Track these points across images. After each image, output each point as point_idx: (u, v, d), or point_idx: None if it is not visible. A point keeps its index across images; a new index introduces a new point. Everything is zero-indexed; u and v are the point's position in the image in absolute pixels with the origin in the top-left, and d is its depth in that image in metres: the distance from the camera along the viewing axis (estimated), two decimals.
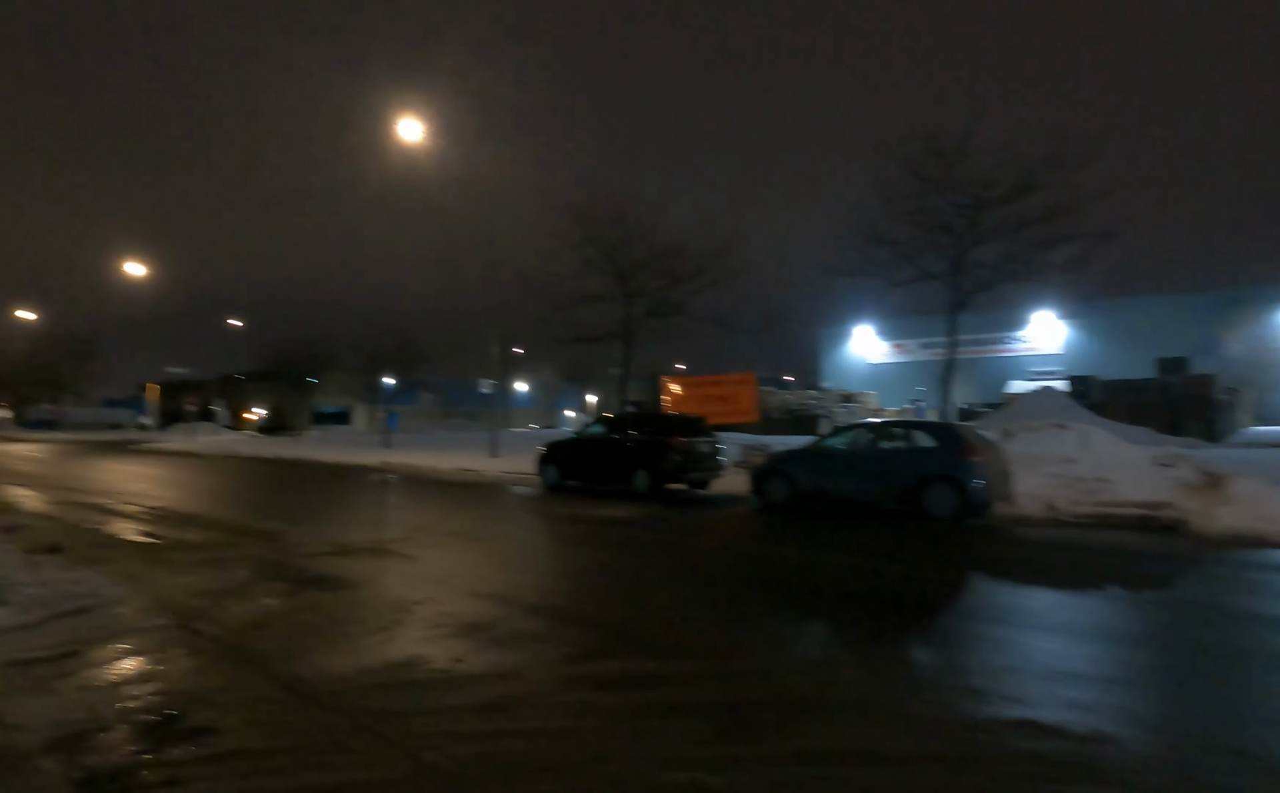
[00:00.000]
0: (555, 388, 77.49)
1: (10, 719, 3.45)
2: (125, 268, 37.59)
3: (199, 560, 7.42)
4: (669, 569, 7.49)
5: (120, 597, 5.78)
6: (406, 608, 5.49)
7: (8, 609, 5.28)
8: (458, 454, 24.81)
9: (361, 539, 8.64)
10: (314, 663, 4.29)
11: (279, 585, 6.29)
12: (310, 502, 13.41)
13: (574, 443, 15.13)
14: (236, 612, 5.43)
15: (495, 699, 3.71)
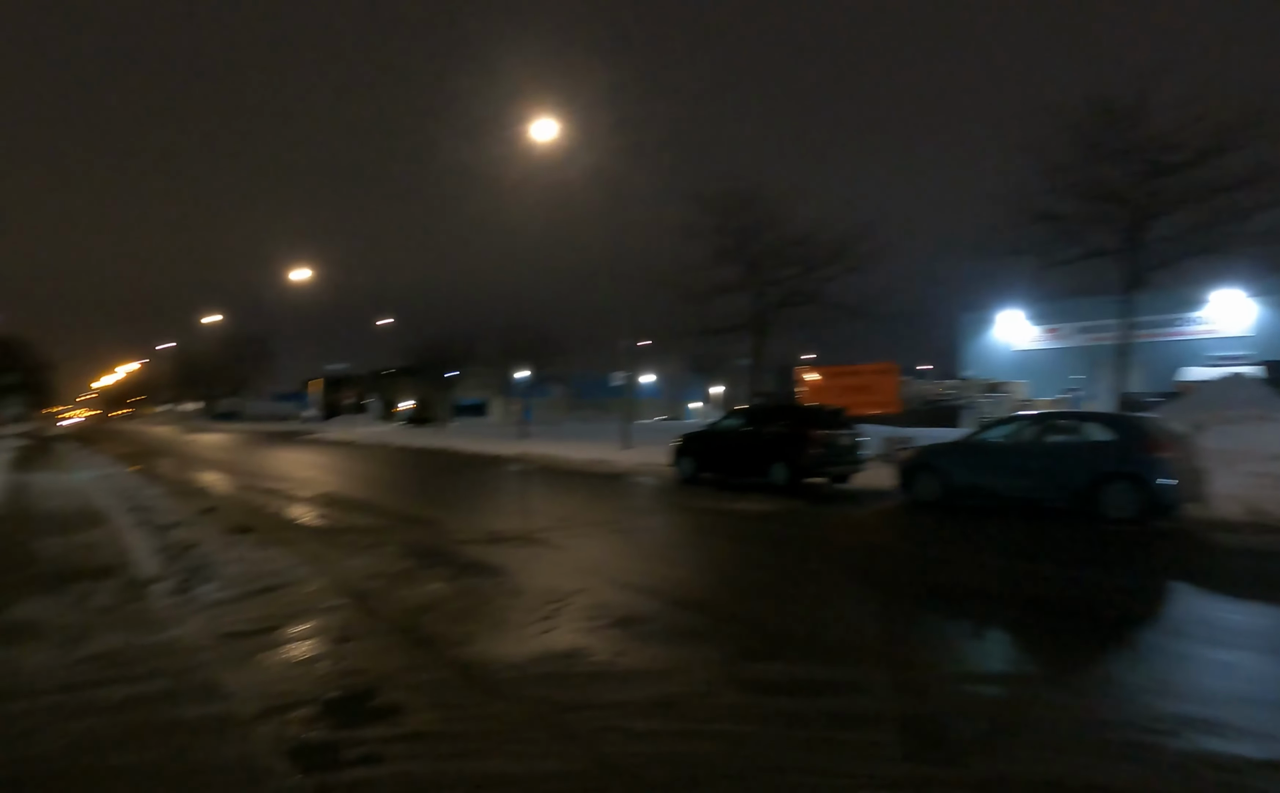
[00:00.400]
0: (681, 380, 77.64)
1: (227, 688, 3.76)
2: (292, 274, 41.32)
3: (368, 544, 7.92)
4: (820, 567, 7.21)
5: (304, 577, 6.25)
6: (563, 598, 5.57)
7: (214, 584, 5.84)
8: (590, 446, 25.37)
9: (511, 528, 8.93)
10: (484, 649, 4.41)
11: (441, 571, 6.59)
12: (458, 490, 14.10)
13: (709, 435, 15.01)
14: (406, 595, 5.72)
15: (663, 697, 3.65)
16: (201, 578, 5.97)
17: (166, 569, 6.38)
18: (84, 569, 6.53)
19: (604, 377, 67.52)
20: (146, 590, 5.81)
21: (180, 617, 5.07)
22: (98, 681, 3.86)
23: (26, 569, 6.56)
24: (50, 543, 7.78)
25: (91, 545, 7.65)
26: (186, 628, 4.81)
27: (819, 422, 13.16)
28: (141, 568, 6.57)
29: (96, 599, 5.53)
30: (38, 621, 4.96)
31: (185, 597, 5.55)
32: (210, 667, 4.08)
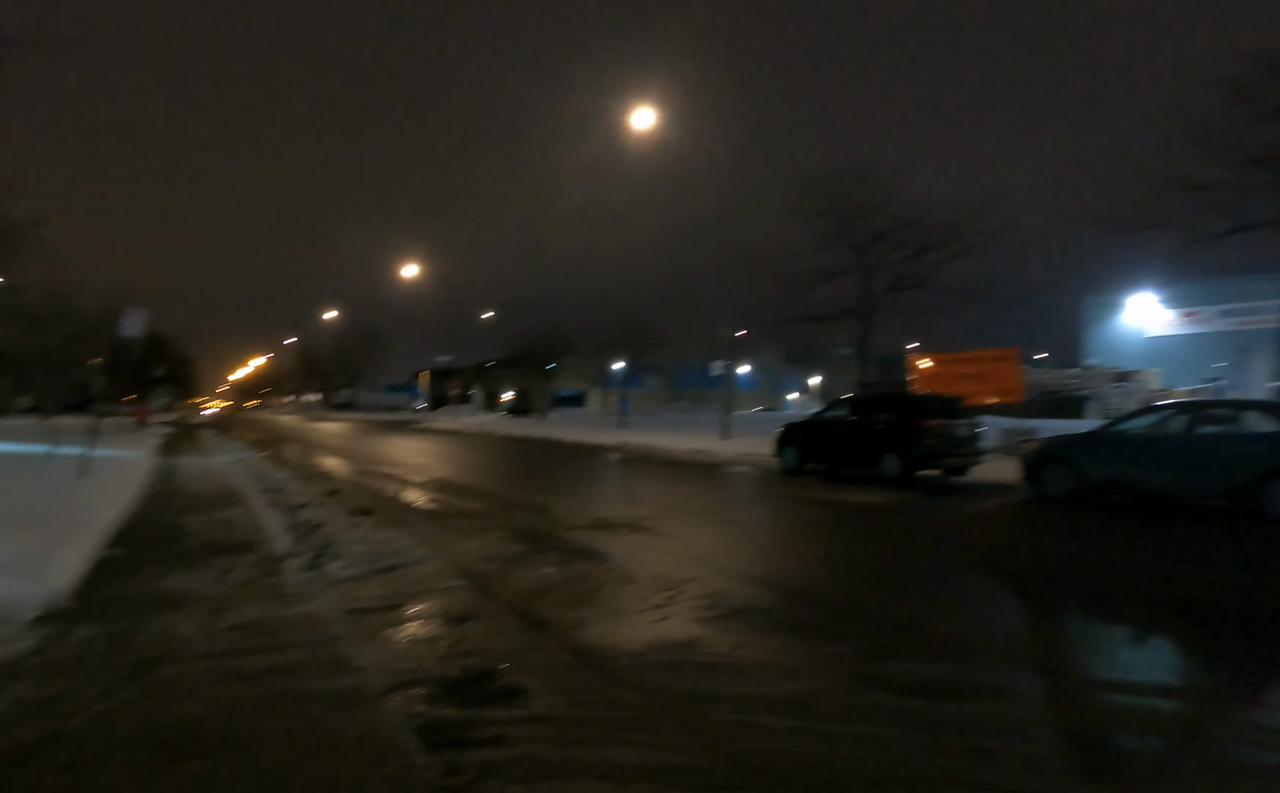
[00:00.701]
0: (778, 370, 76.14)
1: (356, 662, 3.87)
2: (403, 271, 43.26)
3: (479, 528, 8.10)
4: (945, 562, 6.79)
5: (423, 558, 6.42)
6: (675, 586, 5.46)
7: (340, 562, 6.09)
8: (689, 435, 25.25)
9: (617, 515, 8.92)
10: (600, 634, 4.36)
11: (551, 556, 6.62)
12: (562, 478, 14.28)
13: (815, 425, 14.55)
14: (520, 578, 5.76)
15: (788, 694, 3.47)
16: (329, 556, 6.24)
17: (297, 547, 6.72)
18: (225, 545, 6.98)
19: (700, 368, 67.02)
20: (281, 566, 6.13)
21: (311, 592, 5.30)
22: (240, 650, 4.06)
23: (176, 544, 7.07)
24: (195, 520, 8.39)
25: (230, 523, 8.19)
26: (317, 603, 5.01)
27: (934, 411, 12.48)
28: (275, 545, 6.95)
29: (237, 573, 5.87)
30: (186, 591, 5.31)
31: (315, 573, 5.81)
32: (339, 642, 4.22)
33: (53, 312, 25.64)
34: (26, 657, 3.88)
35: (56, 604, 4.87)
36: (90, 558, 6.18)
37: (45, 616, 4.62)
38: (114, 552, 6.59)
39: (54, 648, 4.04)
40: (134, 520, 8.28)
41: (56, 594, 5.06)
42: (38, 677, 3.61)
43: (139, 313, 11.19)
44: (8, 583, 5.02)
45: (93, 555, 6.28)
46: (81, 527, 7.04)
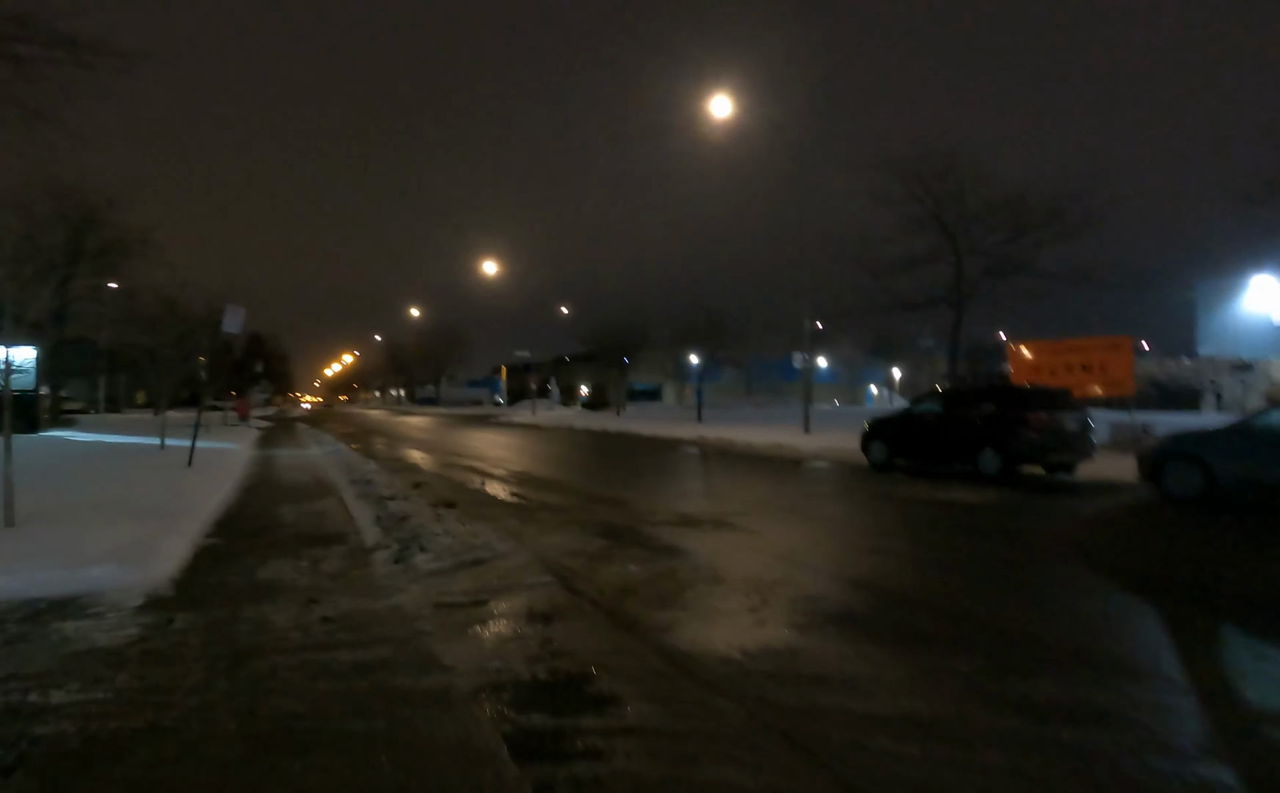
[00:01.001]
0: (857, 363, 73.99)
1: (445, 660, 3.76)
2: (483, 267, 44.21)
3: (562, 522, 8.00)
4: (1061, 568, 6.22)
5: (507, 552, 6.33)
6: (768, 588, 5.17)
7: (427, 555, 6.06)
8: (768, 429, 24.72)
9: (700, 510, 8.67)
10: (693, 638, 4.12)
11: (636, 552, 6.43)
12: (643, 471, 14.12)
13: (904, 418, 13.87)
14: (606, 575, 5.59)
15: (905, 713, 3.14)
16: (416, 549, 6.23)
17: (386, 539, 6.76)
18: (317, 535, 7.10)
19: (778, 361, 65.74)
20: (370, 558, 6.17)
21: (400, 585, 5.27)
22: (331, 643, 4.02)
23: (271, 534, 7.24)
24: (289, 510, 8.62)
25: (322, 514, 8.37)
26: (405, 596, 4.97)
27: (1039, 403, 11.66)
28: (365, 536, 7.02)
29: (328, 564, 5.93)
30: (280, 581, 5.38)
31: (403, 566, 5.80)
32: (428, 638, 4.13)
33: (163, 312, 27.38)
34: (130, 645, 3.95)
35: (159, 591, 5.00)
36: (192, 547, 6.38)
37: (148, 603, 4.74)
38: (213, 541, 6.80)
39: (155, 636, 4.10)
40: (233, 510, 8.58)
41: (159, 582, 5.21)
42: (138, 665, 3.65)
43: (238, 310, 11.65)
44: (117, 569, 5.20)
45: (194, 544, 6.49)
46: (185, 516, 7.31)
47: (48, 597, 4.78)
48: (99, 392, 45.52)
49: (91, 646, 3.93)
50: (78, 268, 25.59)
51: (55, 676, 3.50)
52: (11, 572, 4.98)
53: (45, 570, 5.05)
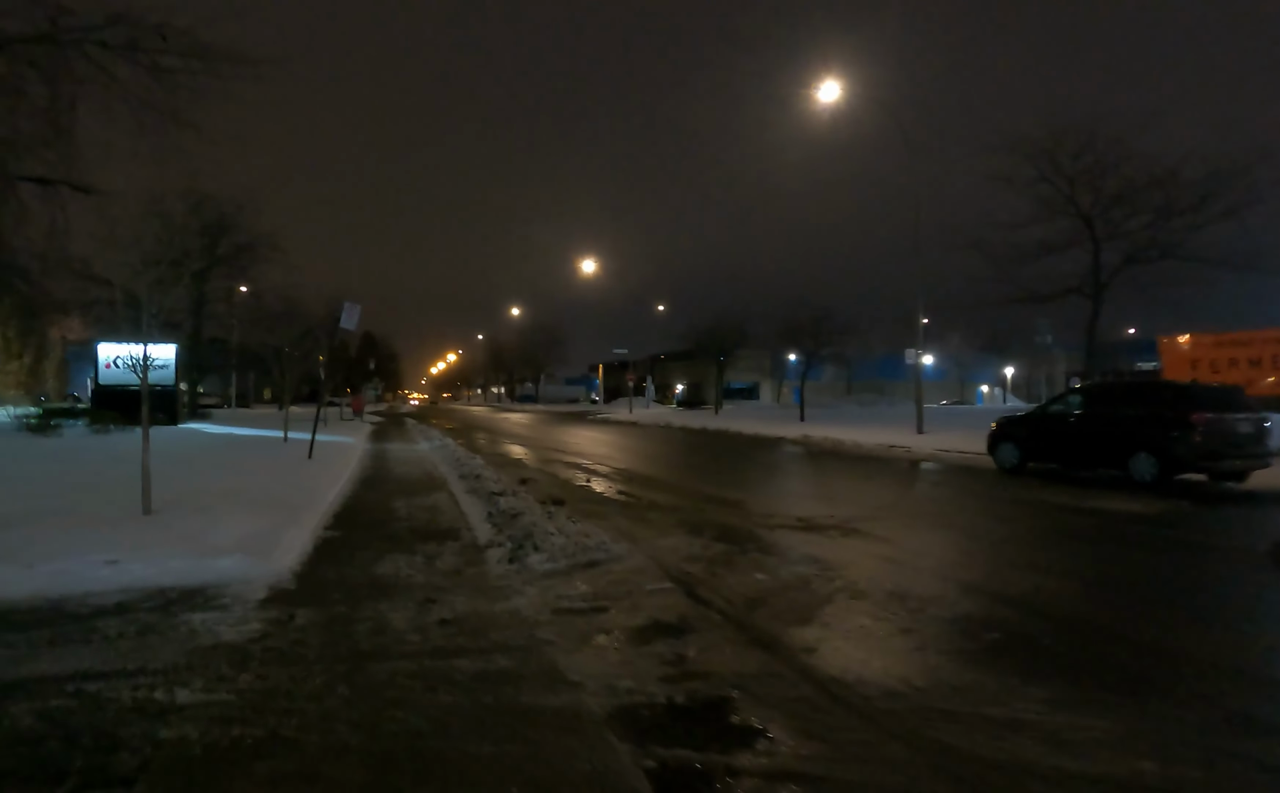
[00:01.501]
0: (967, 360, 70.12)
1: (571, 675, 3.44)
2: (582, 265, 44.64)
3: (675, 522, 7.63)
4: (1271, 593, 5.30)
5: (623, 554, 6.01)
6: (918, 605, 4.61)
7: (541, 556, 5.82)
8: (877, 429, 23.58)
9: (821, 514, 8.10)
10: (844, 662, 3.63)
11: (759, 557, 5.97)
12: (749, 471, 13.59)
13: (1040, 418, 12.71)
14: (732, 584, 5.16)
15: (1133, 781, 2.54)
16: (530, 547, 6.01)
17: (498, 536, 6.59)
18: (431, 530, 7.03)
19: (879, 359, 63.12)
20: (484, 555, 5.99)
21: (516, 586, 5.04)
22: (451, 649, 3.79)
23: (386, 527, 7.23)
24: (403, 504, 8.66)
25: (435, 509, 8.35)
26: (523, 599, 4.71)
27: (1204, 402, 10.33)
28: (477, 533, 6.89)
29: (443, 560, 5.79)
30: (397, 578, 5.25)
31: (517, 566, 5.58)
32: (551, 647, 3.83)
33: (285, 312, 29.02)
34: (253, 641, 3.85)
35: (281, 584, 4.96)
36: (312, 538, 6.40)
37: (271, 596, 4.69)
38: (332, 533, 6.83)
39: (277, 633, 4.00)
40: (350, 503, 8.69)
41: (282, 574, 5.18)
42: (261, 665, 3.52)
43: (355, 307, 11.95)
44: (243, 560, 5.21)
45: (314, 536, 6.52)
46: (306, 508, 7.41)
47: (178, 586, 4.81)
48: (231, 387, 48.95)
49: (217, 640, 3.85)
50: (212, 270, 27.50)
51: (181, 672, 3.42)
52: (147, 559, 5.06)
53: (177, 559, 5.12)
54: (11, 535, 5.43)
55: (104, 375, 19.91)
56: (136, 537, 5.52)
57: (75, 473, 9.40)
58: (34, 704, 3.08)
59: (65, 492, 7.71)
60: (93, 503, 6.90)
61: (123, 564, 4.98)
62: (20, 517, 6.11)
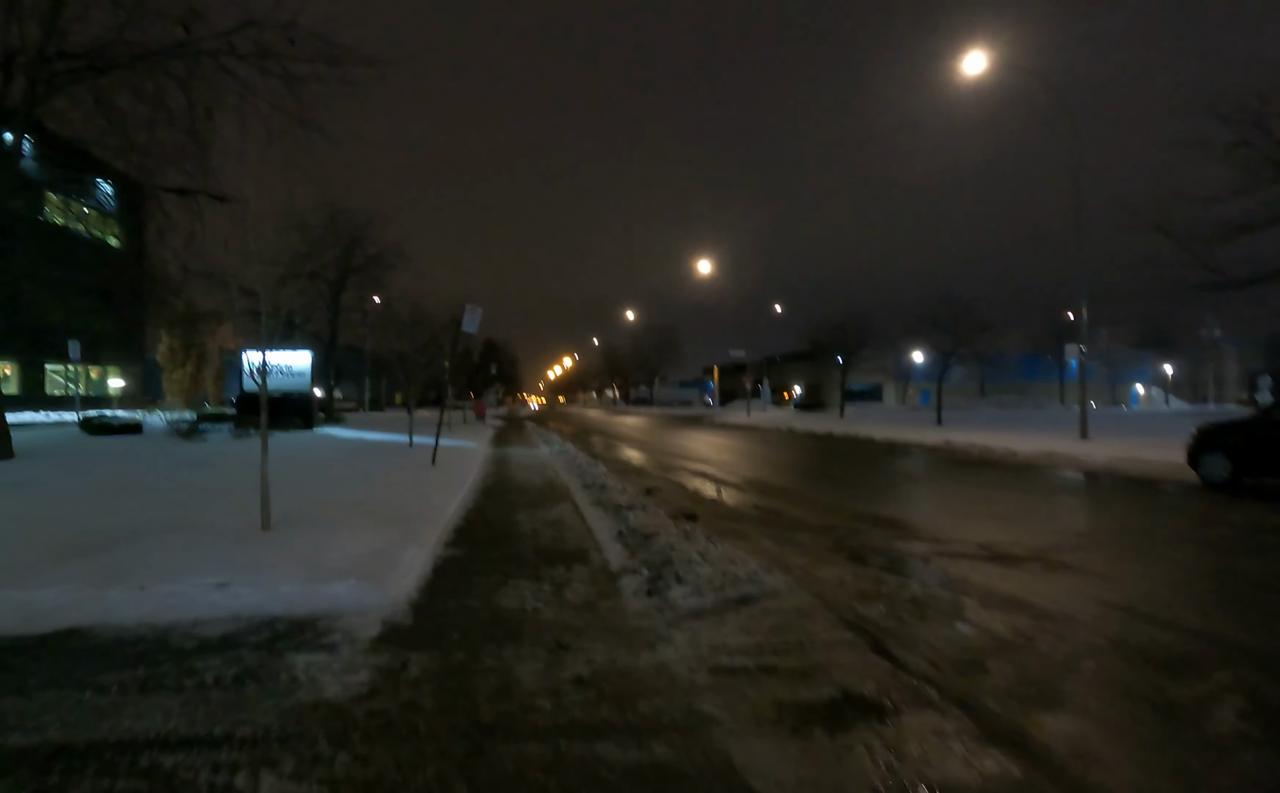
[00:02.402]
0: (1117, 358, 63.76)
1: (755, 781, 2.54)
2: (697, 266, 43.80)
3: (829, 546, 6.59)
4: None
5: (779, 588, 5.06)
6: (1197, 672, 3.38)
7: (684, 588, 4.96)
8: (1028, 434, 21.29)
9: (1005, 540, 6.80)
10: (1137, 780, 2.53)
11: (950, 599, 4.85)
12: (899, 483, 12.21)
13: (1259, 425, 10.62)
14: (929, 638, 4.10)
15: None
16: (669, 576, 5.17)
17: (631, 560, 5.80)
18: (557, 551, 6.34)
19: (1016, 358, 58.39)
20: (617, 584, 5.22)
21: (659, 628, 4.20)
22: (592, 726, 2.98)
23: (509, 545, 6.61)
24: (526, 517, 8.07)
25: (559, 524, 7.69)
26: (671, 649, 3.87)
27: None
28: (608, 554, 6.14)
29: (573, 589, 5.06)
30: (523, 612, 4.55)
31: (658, 601, 4.75)
32: (717, 729, 2.96)
33: (412, 318, 29.94)
34: (359, 699, 3.21)
35: (396, 617, 4.37)
36: (431, 558, 5.85)
37: (384, 634, 4.09)
38: (452, 552, 6.27)
39: (386, 688, 3.34)
40: (472, 515, 8.20)
41: (398, 603, 4.60)
42: (363, 739, 2.85)
43: (476, 310, 11.63)
44: (357, 586, 4.68)
45: (434, 555, 5.98)
46: (426, 522, 6.93)
47: (288, 616, 4.32)
48: (365, 392, 51.68)
49: (319, 696, 3.24)
50: (347, 280, 28.76)
51: (273, 745, 2.79)
52: (260, 583, 4.62)
53: (289, 583, 4.64)
54: (132, 551, 5.17)
55: (247, 382, 21.02)
56: (251, 556, 5.13)
57: (207, 480, 9.49)
58: (99, 782, 2.52)
59: (192, 501, 7.62)
60: (216, 514, 6.69)
61: (234, 588, 4.55)
62: (143, 529, 5.92)
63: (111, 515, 6.70)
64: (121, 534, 5.73)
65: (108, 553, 5.14)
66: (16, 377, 31.51)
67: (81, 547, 5.37)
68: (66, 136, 10.31)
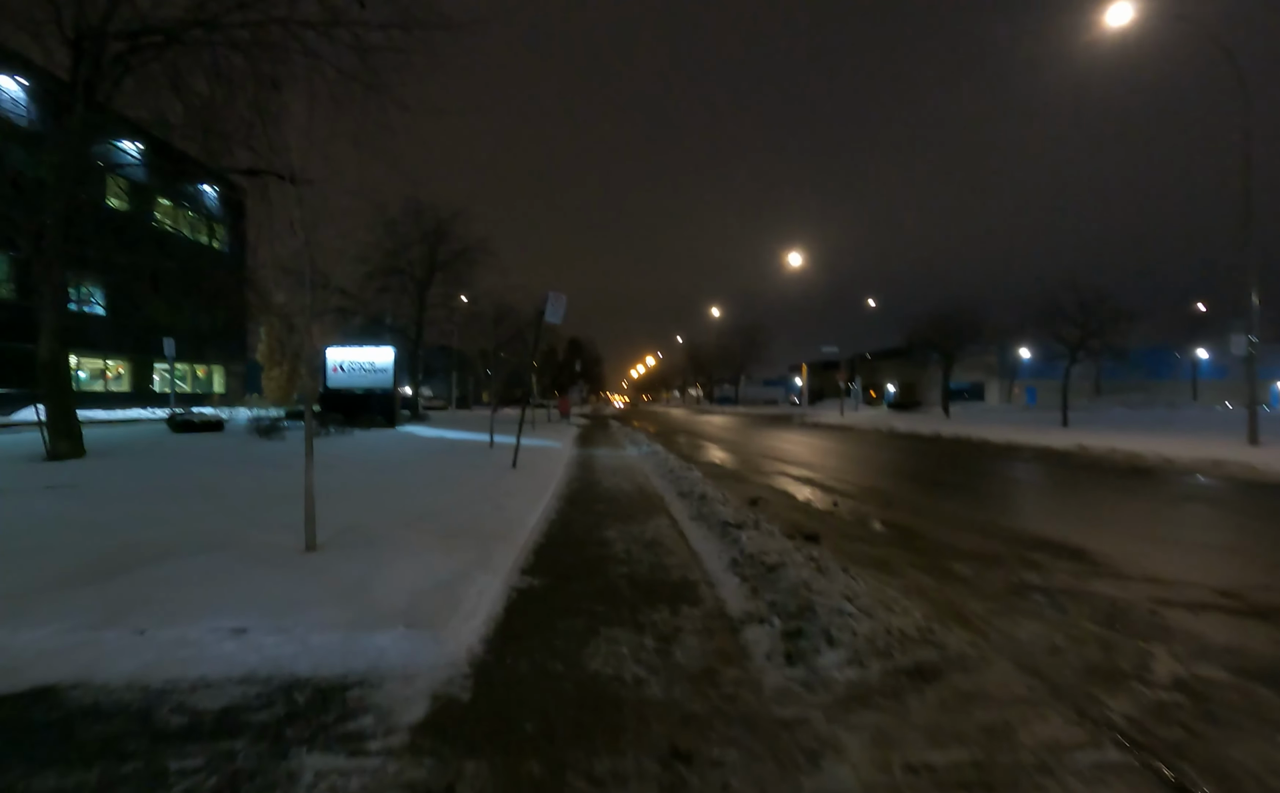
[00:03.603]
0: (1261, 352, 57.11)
1: None
2: (788, 259, 41.89)
3: (1006, 587, 5.10)
4: None
5: (968, 653, 3.67)
6: None
7: (836, 654, 3.64)
8: (1180, 438, 18.64)
9: (1253, 585, 5.13)
10: None
11: (1242, 688, 3.33)
12: (1049, 497, 10.40)
13: None
14: (1245, 765, 2.64)
15: None
16: (814, 632, 3.86)
17: (756, 604, 4.51)
18: (658, 584, 5.12)
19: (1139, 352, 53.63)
20: (741, 639, 3.95)
21: (817, 725, 2.91)
22: None
23: (599, 575, 5.44)
24: (617, 534, 6.89)
25: (657, 545, 6.47)
26: (845, 767, 2.58)
27: None
28: (723, 592, 4.87)
29: (683, 647, 3.82)
30: (620, 684, 3.35)
31: (805, 671, 3.46)
32: None
33: (497, 315, 29.52)
34: None
35: (452, 687, 3.25)
36: (503, 592, 4.75)
37: (433, 716, 2.97)
38: (530, 582, 5.14)
39: None
40: (554, 530, 7.10)
41: (456, 663, 3.49)
42: None
43: (560, 297, 10.62)
44: (406, 638, 3.60)
45: (506, 588, 4.87)
46: (501, 539, 5.85)
47: (312, 679, 3.28)
48: (452, 389, 52.25)
49: None
50: (433, 277, 28.58)
51: None
52: (286, 627, 3.61)
53: (322, 629, 3.61)
54: (150, 577, 4.27)
55: (331, 379, 20.89)
56: (286, 587, 4.13)
57: (273, 484, 8.77)
58: None
59: (247, 509, 6.82)
60: (266, 527, 5.81)
61: (253, 634, 3.55)
62: (176, 546, 5.06)
63: (150, 526, 5.93)
64: (150, 552, 4.88)
65: (123, 579, 4.26)
66: (129, 374, 33.05)
67: (98, 568, 4.53)
68: (134, 118, 9.91)
